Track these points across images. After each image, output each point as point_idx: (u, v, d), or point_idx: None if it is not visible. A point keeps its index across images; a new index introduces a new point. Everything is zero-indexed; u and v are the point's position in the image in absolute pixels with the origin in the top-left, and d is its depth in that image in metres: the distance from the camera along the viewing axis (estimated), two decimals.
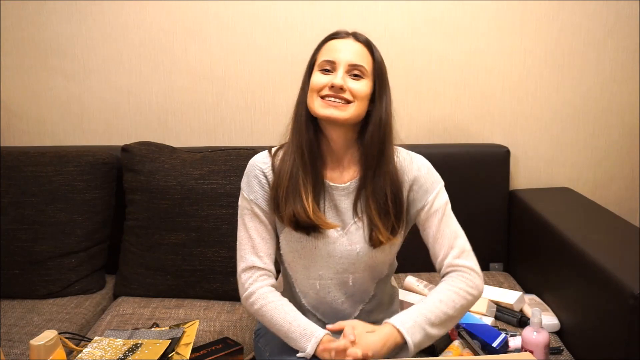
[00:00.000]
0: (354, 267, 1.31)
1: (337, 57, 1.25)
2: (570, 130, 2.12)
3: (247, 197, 1.32)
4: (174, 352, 1.42)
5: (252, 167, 1.33)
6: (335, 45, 1.27)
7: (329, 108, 1.23)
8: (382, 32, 2.04)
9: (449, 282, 1.26)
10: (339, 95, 1.23)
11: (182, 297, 1.83)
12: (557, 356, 1.49)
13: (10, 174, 1.86)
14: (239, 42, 2.06)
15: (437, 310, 1.22)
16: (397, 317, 1.22)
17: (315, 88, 1.25)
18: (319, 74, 1.26)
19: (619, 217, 1.75)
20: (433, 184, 1.31)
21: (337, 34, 1.30)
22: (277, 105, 2.08)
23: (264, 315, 1.28)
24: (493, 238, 2.02)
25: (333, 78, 1.23)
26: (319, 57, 1.28)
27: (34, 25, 2.07)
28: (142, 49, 2.08)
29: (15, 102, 2.13)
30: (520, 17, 2.04)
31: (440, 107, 2.10)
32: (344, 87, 1.23)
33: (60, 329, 1.63)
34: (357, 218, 1.30)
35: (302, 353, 1.21)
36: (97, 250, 1.90)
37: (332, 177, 1.32)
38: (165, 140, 2.03)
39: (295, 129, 1.30)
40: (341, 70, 1.24)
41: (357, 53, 1.26)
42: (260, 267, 1.31)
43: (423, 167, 1.32)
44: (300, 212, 1.25)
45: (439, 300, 1.23)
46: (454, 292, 1.24)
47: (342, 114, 1.23)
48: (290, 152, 1.29)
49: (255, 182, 1.31)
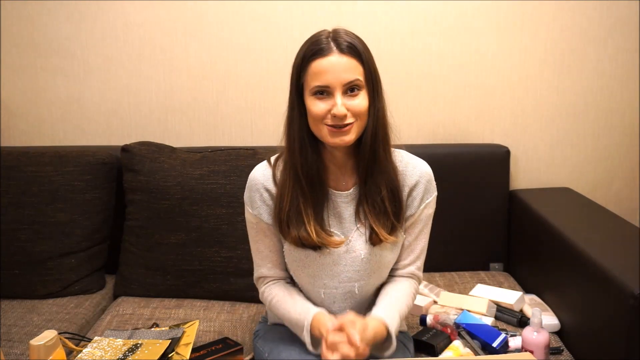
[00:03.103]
0: (359, 274, 1.31)
1: (329, 81, 1.18)
2: (570, 130, 2.12)
3: (252, 212, 1.33)
4: (174, 352, 1.42)
5: (253, 182, 1.32)
6: (323, 67, 1.18)
7: (335, 136, 1.21)
8: (382, 32, 2.04)
9: (410, 286, 1.36)
10: (343, 122, 1.19)
11: (182, 297, 1.83)
12: (557, 356, 1.49)
13: (10, 174, 1.85)
14: (239, 42, 2.06)
15: (404, 311, 1.32)
16: (386, 316, 1.24)
17: (318, 118, 1.20)
18: (315, 100, 1.20)
19: (619, 217, 1.75)
20: (428, 193, 1.32)
21: (319, 50, 1.19)
22: (277, 105, 2.06)
23: (275, 310, 1.36)
24: (493, 238, 2.02)
25: (332, 106, 1.18)
26: (308, 80, 1.21)
27: (34, 25, 2.07)
28: (142, 49, 2.07)
29: (15, 102, 2.13)
30: (520, 17, 2.04)
31: (440, 107, 2.10)
32: (346, 114, 1.19)
33: (60, 329, 1.63)
34: (360, 224, 1.30)
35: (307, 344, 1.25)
36: (97, 250, 1.90)
37: (335, 185, 1.31)
38: (165, 140, 2.03)
39: (290, 150, 1.26)
40: (338, 96, 1.18)
41: (348, 68, 1.19)
42: (268, 276, 1.38)
43: (425, 175, 1.32)
44: (304, 236, 1.26)
45: (406, 305, 1.33)
46: (411, 297, 1.36)
47: (350, 137, 1.21)
48: (288, 175, 1.27)
49: (257, 198, 1.31)
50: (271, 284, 1.38)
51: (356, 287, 1.32)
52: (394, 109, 1.32)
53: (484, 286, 1.79)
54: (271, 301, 1.35)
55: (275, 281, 1.38)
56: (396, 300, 1.30)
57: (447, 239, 1.95)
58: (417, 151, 1.37)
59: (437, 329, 1.56)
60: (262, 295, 1.39)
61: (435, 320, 1.60)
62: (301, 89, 1.23)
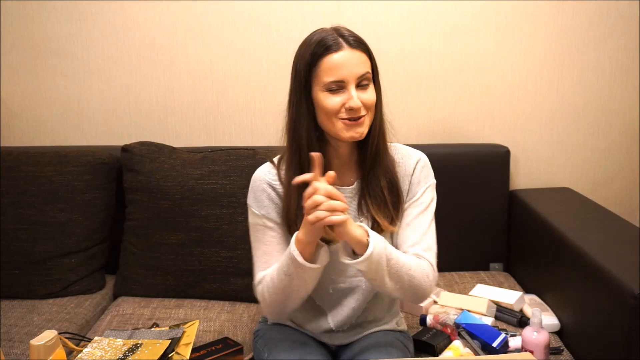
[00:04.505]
0: None
1: (344, 75, 1.20)
2: (570, 130, 2.12)
3: (258, 212, 1.31)
4: (174, 352, 1.42)
5: (257, 182, 1.32)
6: (336, 62, 1.20)
7: (351, 129, 1.22)
8: (382, 32, 2.04)
9: (418, 259, 1.27)
10: (358, 114, 1.21)
11: (182, 297, 1.83)
12: (557, 356, 1.49)
13: (10, 174, 1.85)
14: (239, 42, 2.06)
15: (399, 260, 1.21)
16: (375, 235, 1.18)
17: (333, 112, 1.21)
18: (329, 95, 1.21)
19: (619, 217, 1.75)
20: (426, 179, 1.33)
21: (329, 47, 1.20)
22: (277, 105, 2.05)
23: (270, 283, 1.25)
24: (493, 238, 2.02)
25: (348, 99, 1.20)
26: (321, 76, 1.21)
27: (34, 25, 2.07)
28: (142, 49, 2.08)
29: (15, 102, 2.13)
30: (520, 17, 2.04)
31: (440, 107, 2.10)
32: (361, 106, 1.21)
33: (60, 329, 1.63)
34: (363, 217, 1.30)
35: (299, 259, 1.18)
36: (97, 250, 1.90)
37: (340, 181, 1.31)
38: (165, 140, 2.03)
39: (295, 149, 1.26)
40: (352, 89, 1.20)
41: (359, 62, 1.21)
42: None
43: (421, 162, 1.34)
44: None
45: (406, 259, 1.23)
46: (417, 263, 1.25)
47: (364, 129, 1.23)
48: (293, 171, 1.26)
49: (264, 196, 1.31)
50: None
51: (363, 281, 1.33)
52: (394, 109, 1.34)
53: (484, 286, 1.79)
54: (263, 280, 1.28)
55: None
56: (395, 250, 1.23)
57: (447, 239, 1.93)
58: None
59: (437, 329, 1.56)
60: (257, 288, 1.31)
61: (435, 320, 1.60)
62: (309, 86, 1.23)
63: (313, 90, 1.23)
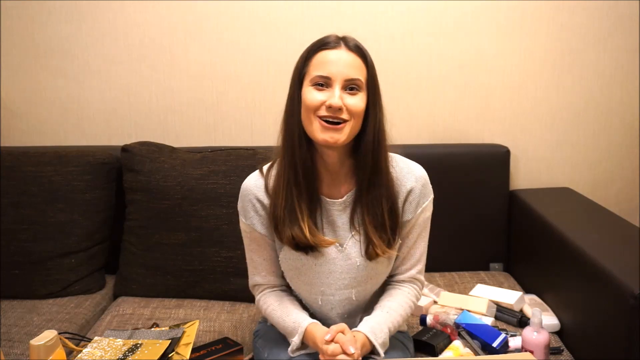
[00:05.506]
0: (356, 281, 1.30)
1: (332, 72, 1.18)
2: (570, 130, 2.12)
3: (245, 222, 1.33)
4: (174, 352, 1.42)
5: (245, 193, 1.32)
6: (328, 57, 1.19)
7: (326, 132, 1.17)
8: (381, 32, 2.04)
9: (406, 295, 1.35)
10: (337, 115, 1.17)
11: (182, 297, 1.83)
12: (557, 356, 1.49)
13: (10, 174, 1.85)
14: (239, 42, 2.06)
15: (396, 322, 1.30)
16: (370, 331, 1.25)
17: (312, 107, 1.18)
18: (313, 90, 1.19)
19: (619, 217, 1.75)
20: (425, 197, 1.31)
21: (327, 43, 1.21)
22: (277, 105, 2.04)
23: (269, 318, 1.36)
24: (493, 238, 2.02)
25: (330, 97, 1.17)
26: (310, 70, 1.20)
27: (34, 25, 2.07)
28: (142, 49, 2.08)
29: (15, 102, 2.13)
30: (520, 17, 2.04)
31: (440, 107, 2.10)
32: (342, 107, 1.17)
33: (60, 329, 1.63)
34: (355, 231, 1.29)
35: (293, 345, 1.27)
36: (97, 250, 1.90)
37: (328, 193, 1.29)
38: (165, 140, 2.03)
39: (288, 145, 1.24)
40: (337, 88, 1.17)
41: (352, 65, 1.19)
42: (262, 284, 1.39)
43: (420, 179, 1.30)
44: (298, 234, 1.24)
45: (400, 315, 1.31)
46: (408, 305, 1.34)
47: (341, 137, 1.18)
48: (283, 171, 1.25)
49: (250, 208, 1.31)
50: (267, 291, 1.38)
51: (353, 293, 1.32)
52: (394, 109, 1.32)
53: (484, 286, 1.79)
54: (266, 310, 1.36)
55: (270, 289, 1.38)
56: (388, 314, 1.29)
57: (447, 239, 1.95)
58: (417, 151, 1.37)
59: (437, 329, 1.56)
60: (257, 302, 1.40)
61: (435, 320, 1.60)
62: (302, 81, 1.22)
63: (303, 84, 1.22)
